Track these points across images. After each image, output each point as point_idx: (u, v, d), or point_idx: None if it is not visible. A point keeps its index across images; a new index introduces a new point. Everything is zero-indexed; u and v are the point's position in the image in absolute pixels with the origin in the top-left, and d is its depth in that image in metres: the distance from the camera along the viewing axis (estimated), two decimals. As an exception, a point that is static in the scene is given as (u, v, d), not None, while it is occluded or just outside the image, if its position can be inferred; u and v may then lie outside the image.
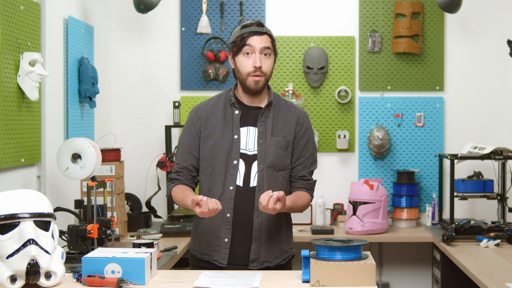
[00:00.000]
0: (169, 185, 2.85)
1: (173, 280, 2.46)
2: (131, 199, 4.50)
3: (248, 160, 2.77)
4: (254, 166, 2.76)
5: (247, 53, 2.75)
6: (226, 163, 2.76)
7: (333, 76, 4.81)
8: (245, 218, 2.75)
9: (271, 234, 2.76)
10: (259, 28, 2.77)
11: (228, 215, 2.75)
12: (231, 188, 2.75)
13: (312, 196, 2.88)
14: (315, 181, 2.90)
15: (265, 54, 2.75)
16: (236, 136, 2.78)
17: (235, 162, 2.76)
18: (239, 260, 2.76)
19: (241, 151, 2.77)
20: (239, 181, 2.75)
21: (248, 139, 2.79)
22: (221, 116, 2.81)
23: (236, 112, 2.81)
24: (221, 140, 2.77)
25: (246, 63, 2.75)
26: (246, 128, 2.80)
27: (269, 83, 2.89)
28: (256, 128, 2.79)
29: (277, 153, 2.77)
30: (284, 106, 2.87)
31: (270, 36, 2.79)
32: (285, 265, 2.82)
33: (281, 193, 2.57)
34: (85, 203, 3.33)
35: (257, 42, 2.74)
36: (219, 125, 2.80)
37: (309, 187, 2.85)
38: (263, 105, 2.83)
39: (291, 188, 2.84)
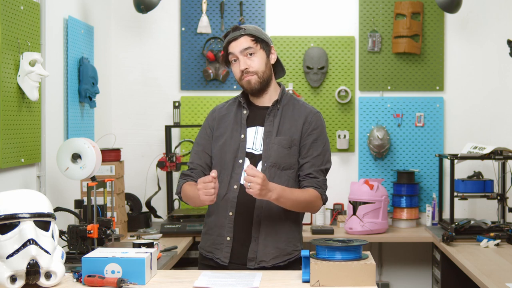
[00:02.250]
0: (180, 181, 2.86)
1: (173, 280, 2.46)
2: (131, 199, 4.50)
3: (254, 159, 2.77)
4: (259, 166, 2.77)
5: (234, 60, 2.81)
6: (233, 162, 2.78)
7: (333, 76, 4.81)
8: (246, 217, 2.75)
9: (269, 234, 2.75)
10: (234, 33, 2.80)
11: (231, 213, 2.76)
12: (235, 187, 2.77)
13: (322, 194, 2.78)
14: (325, 179, 2.82)
15: (250, 54, 2.78)
16: (242, 136, 2.80)
17: (241, 161, 2.78)
18: (239, 259, 2.76)
19: (248, 150, 2.79)
20: (243, 181, 2.75)
21: (256, 138, 2.81)
22: (233, 117, 2.86)
23: (244, 112, 2.84)
24: (230, 140, 2.81)
25: (235, 70, 2.82)
26: (254, 128, 2.82)
27: (281, 83, 2.92)
28: (264, 128, 2.81)
29: (280, 152, 2.77)
30: (295, 106, 2.86)
31: (250, 35, 2.79)
32: (285, 267, 2.77)
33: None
34: (85, 203, 3.33)
35: (235, 47, 2.79)
36: (230, 125, 2.84)
37: (317, 185, 2.77)
38: (271, 104, 2.84)
39: (300, 188, 2.81)
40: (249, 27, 2.81)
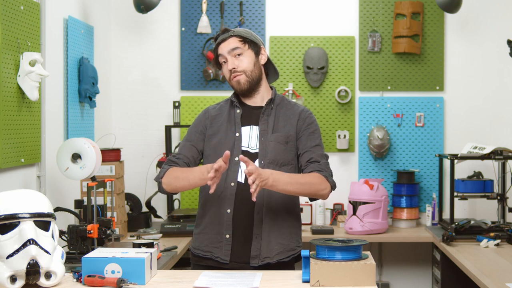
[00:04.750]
0: (165, 167, 2.82)
1: (173, 280, 2.46)
2: (131, 199, 4.50)
3: (250, 157, 2.77)
4: (256, 164, 2.77)
5: (224, 62, 2.85)
6: (228, 160, 2.77)
7: (333, 76, 4.81)
8: (246, 215, 2.75)
9: (271, 230, 2.76)
10: (223, 35, 2.85)
11: (229, 211, 2.75)
12: (232, 184, 2.76)
13: (327, 178, 2.73)
14: (327, 162, 2.79)
15: (238, 55, 2.81)
16: (237, 134, 2.81)
17: (236, 159, 2.77)
18: (240, 257, 2.75)
19: (243, 148, 2.80)
20: (241, 178, 2.77)
21: (251, 137, 2.82)
22: (226, 116, 2.87)
23: (238, 111, 2.86)
24: (224, 139, 2.81)
25: (224, 71, 2.87)
26: (248, 127, 2.83)
27: (271, 85, 2.93)
28: (258, 127, 2.82)
29: (277, 148, 2.78)
30: (287, 105, 2.90)
31: (239, 36, 2.83)
32: (288, 263, 2.80)
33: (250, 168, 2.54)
34: (85, 203, 3.33)
35: (223, 48, 2.83)
36: (224, 124, 2.85)
37: (319, 168, 2.75)
38: (264, 104, 2.86)
39: None
40: (238, 30, 2.87)
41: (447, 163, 4.57)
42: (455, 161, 4.28)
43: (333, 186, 2.78)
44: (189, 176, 2.73)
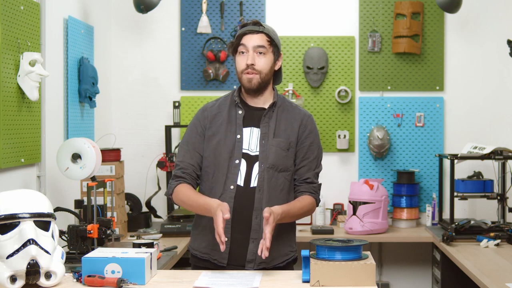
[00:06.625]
0: (173, 183, 2.79)
1: (173, 280, 2.47)
2: (131, 199, 4.50)
3: (250, 160, 2.76)
4: (256, 167, 2.75)
5: (242, 52, 2.79)
6: (228, 162, 2.75)
7: (333, 76, 4.81)
8: (244, 218, 2.73)
9: None
10: (254, 27, 2.79)
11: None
12: (231, 187, 2.74)
13: (317, 199, 2.84)
14: (320, 184, 2.86)
15: (260, 53, 2.77)
16: (238, 136, 2.78)
17: (237, 161, 2.75)
18: (237, 260, 2.73)
19: (244, 151, 2.77)
20: (240, 181, 2.74)
21: (251, 139, 2.78)
22: (226, 116, 2.82)
23: (240, 112, 2.81)
24: (224, 140, 2.78)
25: (240, 61, 2.79)
26: (249, 128, 2.80)
27: (273, 85, 2.91)
28: (259, 129, 2.80)
29: (278, 154, 2.76)
30: (288, 108, 2.86)
31: (268, 35, 2.80)
32: (284, 268, 2.78)
33: (267, 212, 2.53)
34: (85, 203, 3.33)
35: (250, 40, 2.77)
36: (223, 125, 2.80)
37: (313, 190, 2.82)
38: (267, 106, 2.83)
39: (295, 193, 2.81)
40: (269, 28, 2.83)
41: (447, 163, 4.57)
42: (455, 161, 4.28)
43: (318, 205, 2.90)
44: (194, 205, 2.72)
